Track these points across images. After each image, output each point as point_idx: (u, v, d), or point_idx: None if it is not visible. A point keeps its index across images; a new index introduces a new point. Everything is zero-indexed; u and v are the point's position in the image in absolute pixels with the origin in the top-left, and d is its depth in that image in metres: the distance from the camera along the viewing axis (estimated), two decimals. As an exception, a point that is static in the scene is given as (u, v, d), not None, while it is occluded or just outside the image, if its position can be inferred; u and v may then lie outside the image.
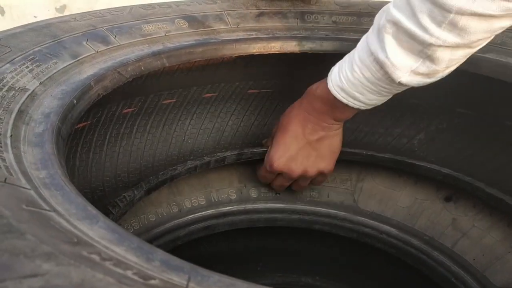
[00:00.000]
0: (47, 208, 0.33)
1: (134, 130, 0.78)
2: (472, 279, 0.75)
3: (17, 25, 0.60)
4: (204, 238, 0.86)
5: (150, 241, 0.80)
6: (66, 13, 1.46)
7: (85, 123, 0.70)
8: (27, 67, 0.50)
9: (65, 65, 0.54)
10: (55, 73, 0.52)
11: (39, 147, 0.41)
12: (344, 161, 0.90)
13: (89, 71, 0.55)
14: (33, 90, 0.48)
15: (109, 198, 0.72)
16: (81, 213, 0.34)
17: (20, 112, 0.44)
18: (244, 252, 0.96)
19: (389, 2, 0.71)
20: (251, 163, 0.90)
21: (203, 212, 0.85)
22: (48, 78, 0.51)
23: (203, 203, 0.87)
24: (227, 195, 0.89)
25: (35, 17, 1.38)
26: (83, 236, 0.31)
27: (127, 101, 0.74)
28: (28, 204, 0.32)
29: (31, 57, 0.52)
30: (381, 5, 0.78)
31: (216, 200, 0.88)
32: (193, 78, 0.79)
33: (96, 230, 0.32)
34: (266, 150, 0.81)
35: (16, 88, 0.47)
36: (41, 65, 0.52)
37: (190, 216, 0.84)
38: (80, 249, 0.28)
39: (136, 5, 0.69)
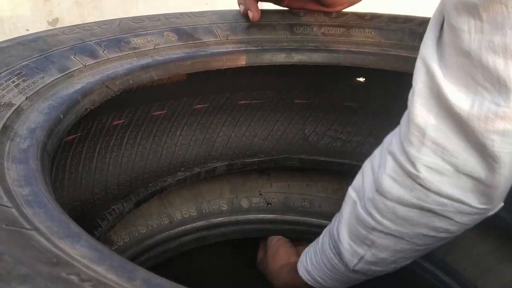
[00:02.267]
0: (28, 227, 0.33)
1: (124, 142, 0.78)
2: (463, 289, 0.75)
3: (10, 38, 0.60)
4: (196, 249, 0.86)
5: (141, 253, 0.80)
6: (58, 26, 1.47)
7: (75, 135, 0.70)
8: (13, 82, 0.50)
9: (52, 79, 0.54)
10: (42, 87, 0.52)
11: (23, 164, 0.41)
12: (335, 171, 0.90)
13: (76, 85, 0.55)
14: (19, 105, 0.48)
15: (98, 210, 0.72)
16: (63, 231, 0.34)
17: (5, 127, 0.44)
18: (235, 263, 0.95)
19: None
20: (242, 173, 0.91)
21: (194, 224, 0.85)
22: (34, 93, 0.51)
23: (194, 214, 0.87)
24: (218, 206, 0.89)
25: (27, 30, 1.39)
26: (64, 256, 0.30)
27: (117, 113, 0.74)
28: (9, 223, 0.32)
29: (17, 71, 0.52)
30: (372, 16, 0.79)
31: (207, 211, 0.88)
32: (184, 89, 0.79)
33: (78, 249, 0.32)
34: (256, 161, 0.82)
35: (2, 104, 0.47)
36: (27, 79, 0.52)
37: (181, 228, 0.84)
38: (59, 270, 0.28)
39: (125, 18, 0.69)
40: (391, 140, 0.52)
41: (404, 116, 0.51)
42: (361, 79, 0.85)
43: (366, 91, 0.85)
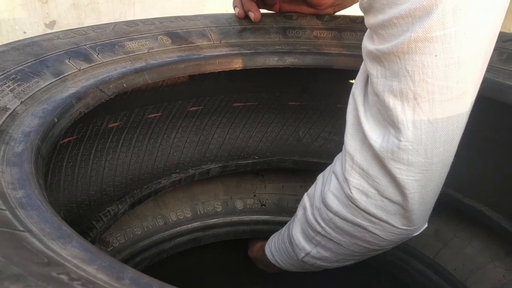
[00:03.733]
0: (21, 228, 0.34)
1: (120, 144, 0.79)
2: (453, 289, 0.76)
3: (6, 41, 0.61)
4: (190, 250, 0.87)
5: (136, 254, 0.81)
6: (55, 28, 1.48)
7: (70, 138, 0.71)
8: (8, 86, 0.51)
9: (47, 83, 0.55)
10: (36, 92, 0.53)
11: (18, 167, 0.42)
12: (329, 173, 0.91)
13: (71, 89, 0.56)
14: (14, 109, 0.49)
15: (94, 212, 0.73)
16: (55, 232, 0.35)
17: (0, 131, 0.45)
18: (230, 264, 0.96)
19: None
20: (237, 175, 0.91)
21: (188, 225, 0.86)
22: (29, 97, 0.51)
23: (189, 215, 0.87)
24: (213, 207, 0.90)
25: (24, 32, 1.39)
26: (55, 256, 0.31)
27: (112, 115, 0.75)
28: (2, 225, 0.33)
29: (13, 76, 0.53)
30: (363, 19, 0.80)
31: (202, 212, 0.89)
32: (178, 92, 0.80)
33: (69, 250, 0.33)
34: (250, 163, 0.83)
35: (-3, 108, 0.48)
36: (22, 84, 0.53)
37: (176, 229, 0.85)
38: (50, 270, 0.29)
39: (120, 22, 0.70)
40: (336, 161, 0.59)
41: None
42: (353, 81, 0.86)
43: (359, 93, 0.86)
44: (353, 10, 0.83)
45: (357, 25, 0.79)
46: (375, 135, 0.49)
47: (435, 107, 0.45)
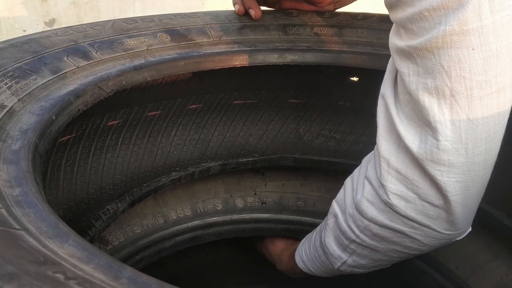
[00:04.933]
0: (17, 227, 0.33)
1: (119, 142, 0.78)
2: (454, 287, 0.75)
3: (5, 39, 0.60)
4: (191, 249, 0.87)
5: (136, 253, 0.80)
6: (55, 26, 1.47)
7: (69, 136, 0.70)
8: (5, 83, 0.51)
9: (45, 81, 0.54)
10: (34, 89, 0.52)
11: (15, 165, 0.41)
12: (330, 170, 0.90)
13: (69, 86, 0.55)
14: (11, 107, 0.48)
15: (93, 210, 0.72)
16: (52, 231, 0.34)
17: (-3, 129, 0.45)
18: (230, 262, 0.96)
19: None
20: (237, 173, 0.91)
21: (189, 223, 0.86)
22: (27, 94, 0.51)
23: (189, 214, 0.87)
24: (213, 205, 0.89)
25: (24, 31, 1.39)
26: (51, 255, 0.31)
27: (112, 113, 0.75)
28: (-2, 224, 0.32)
29: (10, 73, 0.52)
30: (364, 16, 0.80)
31: (202, 210, 0.88)
32: (178, 90, 0.79)
33: (66, 248, 0.33)
34: (250, 161, 0.82)
35: (-6, 105, 0.47)
36: (20, 81, 0.52)
37: (176, 227, 0.85)
38: (46, 269, 0.29)
39: (119, 19, 0.70)
40: (367, 165, 0.56)
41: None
42: (354, 79, 0.85)
43: (360, 90, 0.85)
44: (354, 7, 0.83)
45: (357, 22, 0.79)
46: (411, 136, 0.47)
47: (474, 103, 0.42)
